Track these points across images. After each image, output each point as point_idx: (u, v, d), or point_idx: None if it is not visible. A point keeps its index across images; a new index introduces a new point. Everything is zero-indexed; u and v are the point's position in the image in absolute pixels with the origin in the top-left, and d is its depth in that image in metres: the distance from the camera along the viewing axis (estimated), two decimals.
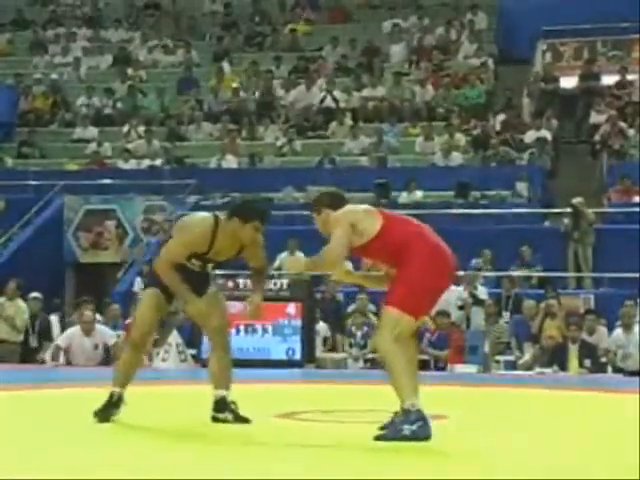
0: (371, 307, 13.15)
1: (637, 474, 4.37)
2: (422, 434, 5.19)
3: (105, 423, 5.94)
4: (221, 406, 6.06)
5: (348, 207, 5.63)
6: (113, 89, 20.01)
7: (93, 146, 18.52)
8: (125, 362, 6.17)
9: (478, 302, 13.48)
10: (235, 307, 12.39)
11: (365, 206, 5.66)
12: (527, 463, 4.79)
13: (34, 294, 13.41)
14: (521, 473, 4.51)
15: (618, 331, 12.42)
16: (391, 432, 5.26)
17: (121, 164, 18.17)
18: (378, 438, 5.24)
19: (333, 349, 13.29)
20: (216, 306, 6.09)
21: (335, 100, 18.82)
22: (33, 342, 13.19)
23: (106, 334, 12.33)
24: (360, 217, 5.51)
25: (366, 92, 19.05)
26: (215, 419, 6.08)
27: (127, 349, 6.23)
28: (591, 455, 5.10)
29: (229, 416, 6.04)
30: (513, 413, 6.85)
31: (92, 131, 19.01)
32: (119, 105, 19.74)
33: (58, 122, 19.69)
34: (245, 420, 6.03)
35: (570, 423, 6.44)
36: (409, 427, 5.20)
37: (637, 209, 15.28)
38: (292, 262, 5.76)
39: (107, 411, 6.03)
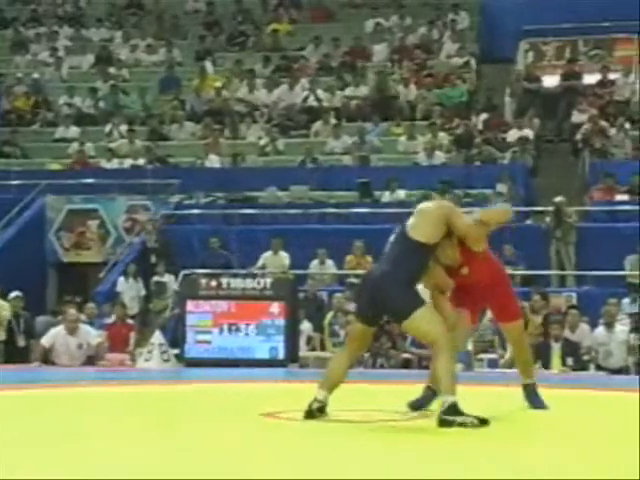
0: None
1: (625, 474, 4.39)
2: None
3: None
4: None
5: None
6: (95, 88, 19.95)
7: (75, 146, 18.46)
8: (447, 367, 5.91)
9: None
10: (219, 306, 12.46)
11: None
12: (511, 461, 4.80)
13: (15, 293, 13.36)
14: (505, 472, 4.52)
15: (600, 329, 12.48)
16: None
17: (104, 164, 18.12)
18: None
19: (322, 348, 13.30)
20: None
21: (318, 99, 18.84)
22: (20, 342, 13.15)
23: (90, 334, 12.31)
24: None
25: (349, 91, 19.06)
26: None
27: (444, 355, 5.88)
28: (575, 453, 5.11)
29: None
30: (496, 411, 6.87)
31: (74, 131, 18.95)
32: (101, 104, 19.69)
33: (40, 122, 19.61)
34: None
35: (551, 421, 6.46)
36: None
37: (619, 208, 15.37)
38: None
39: None
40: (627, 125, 17.25)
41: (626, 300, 13.39)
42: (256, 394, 8.55)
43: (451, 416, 5.72)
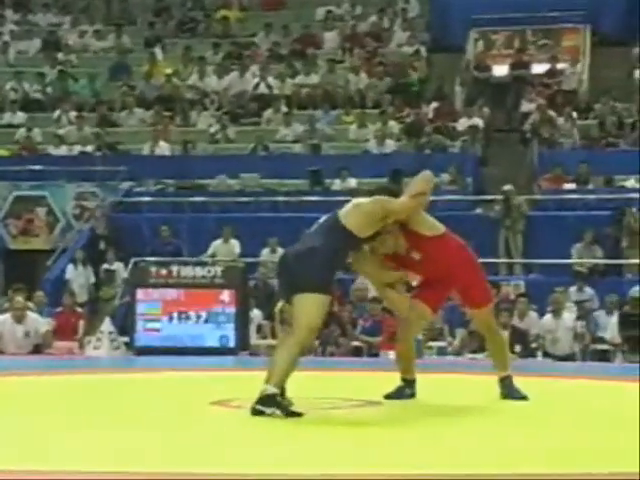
0: None
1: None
2: None
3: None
4: None
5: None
6: (43, 74, 19.72)
7: (22, 132, 18.25)
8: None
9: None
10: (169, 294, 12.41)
11: None
12: (459, 448, 4.85)
13: None
14: (453, 460, 4.56)
15: (548, 317, 12.63)
16: None
17: (51, 150, 17.93)
18: None
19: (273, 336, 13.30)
20: None
21: (269, 87, 18.79)
22: None
23: (38, 322, 12.20)
24: None
25: (299, 79, 19.04)
26: None
27: (294, 350, 5.67)
28: (512, 440, 5.17)
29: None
30: (444, 399, 6.92)
31: (21, 116, 18.73)
32: (49, 90, 19.47)
33: None
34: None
35: (496, 408, 6.51)
36: None
37: (566, 196, 15.54)
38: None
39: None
40: (574, 114, 17.43)
41: (573, 288, 13.58)
42: (206, 382, 8.54)
43: (264, 407, 5.57)
